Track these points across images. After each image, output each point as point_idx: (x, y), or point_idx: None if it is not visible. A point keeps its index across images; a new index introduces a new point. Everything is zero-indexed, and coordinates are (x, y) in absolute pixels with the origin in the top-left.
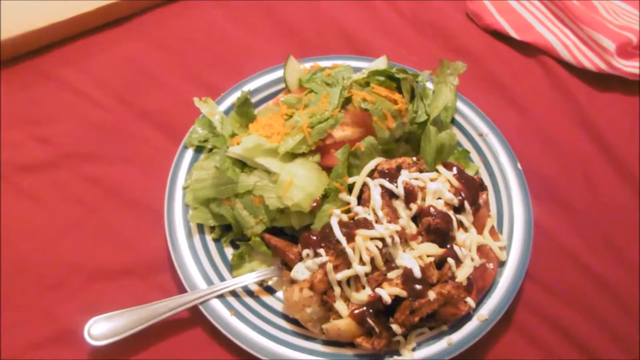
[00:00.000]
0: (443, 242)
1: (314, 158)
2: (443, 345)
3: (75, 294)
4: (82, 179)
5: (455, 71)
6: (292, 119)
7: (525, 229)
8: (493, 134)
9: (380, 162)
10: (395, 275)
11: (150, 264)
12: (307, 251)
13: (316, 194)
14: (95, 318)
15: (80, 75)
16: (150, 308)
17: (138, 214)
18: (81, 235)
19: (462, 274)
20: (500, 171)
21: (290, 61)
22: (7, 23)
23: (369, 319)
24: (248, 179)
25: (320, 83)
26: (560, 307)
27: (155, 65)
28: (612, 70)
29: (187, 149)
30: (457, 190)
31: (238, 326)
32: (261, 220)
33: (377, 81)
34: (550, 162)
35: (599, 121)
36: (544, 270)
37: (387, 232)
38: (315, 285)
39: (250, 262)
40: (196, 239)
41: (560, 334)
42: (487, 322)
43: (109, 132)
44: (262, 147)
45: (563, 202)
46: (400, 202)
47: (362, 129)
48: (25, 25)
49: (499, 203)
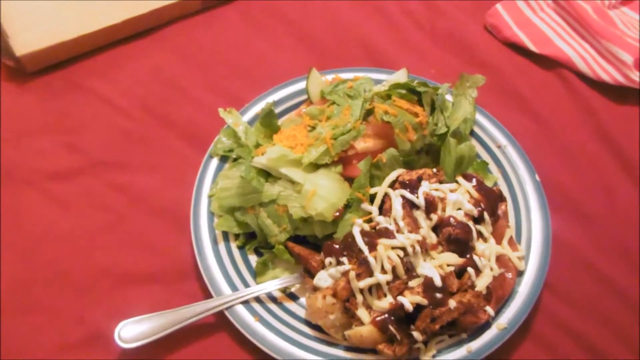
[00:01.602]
0: (463, 252)
1: (337, 169)
2: (462, 352)
3: (104, 298)
4: (110, 187)
5: (474, 84)
6: (315, 131)
7: (544, 239)
8: (512, 145)
9: (401, 173)
10: (417, 284)
11: (176, 271)
12: (330, 259)
13: (339, 203)
14: (125, 321)
15: (109, 86)
16: (178, 312)
17: (164, 221)
18: (109, 242)
19: (481, 283)
20: (518, 182)
21: (313, 73)
22: (39, 35)
23: (391, 326)
24: (272, 188)
25: (342, 95)
26: (578, 317)
27: (181, 76)
28: (630, 83)
29: (212, 158)
30: (476, 201)
31: (262, 331)
32: (285, 229)
33: (398, 94)
34: (569, 173)
35: (617, 134)
36: (562, 281)
37: (409, 242)
38: (338, 292)
39: (274, 270)
40: (221, 246)
41: (578, 345)
42: (506, 330)
43: (136, 141)
44: (286, 157)
45: (581, 214)
46: (421, 212)
47: (384, 140)
48: (56, 37)
49: (517, 214)
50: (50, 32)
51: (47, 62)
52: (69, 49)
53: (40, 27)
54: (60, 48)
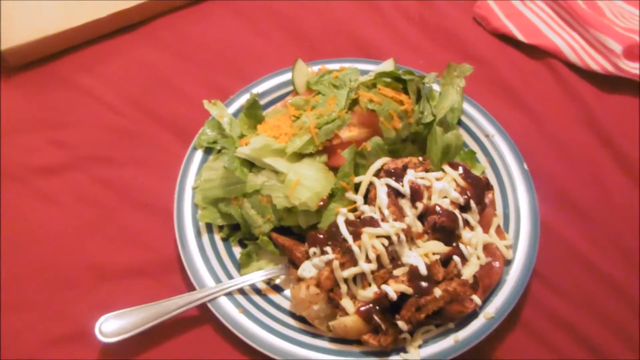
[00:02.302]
0: (449, 241)
1: (321, 158)
2: (449, 342)
3: (88, 293)
4: (97, 181)
5: (462, 73)
6: (299, 120)
7: (532, 228)
8: (499, 135)
9: (386, 161)
10: (401, 273)
11: (161, 264)
12: (314, 249)
13: (323, 193)
14: (106, 315)
15: (95, 80)
16: (160, 305)
17: (150, 215)
18: (95, 236)
19: (468, 271)
20: (506, 171)
21: (298, 64)
22: (24, 28)
23: (375, 316)
24: (256, 178)
25: (328, 85)
26: (567, 306)
27: (168, 69)
28: (619, 72)
29: (196, 150)
30: (463, 190)
31: (246, 324)
32: (269, 220)
33: (383, 82)
34: (558, 163)
35: (606, 122)
36: (551, 270)
37: (393, 230)
38: (322, 282)
39: (258, 261)
40: (205, 238)
41: (567, 333)
42: (494, 320)
43: (123, 136)
44: (270, 147)
45: (570, 203)
46: (407, 201)
47: (369, 129)
48: (41, 31)
49: (505, 203)
50: (34, 26)
51: (31, 56)
52: (54, 43)
53: (24, 21)
54: (45, 42)
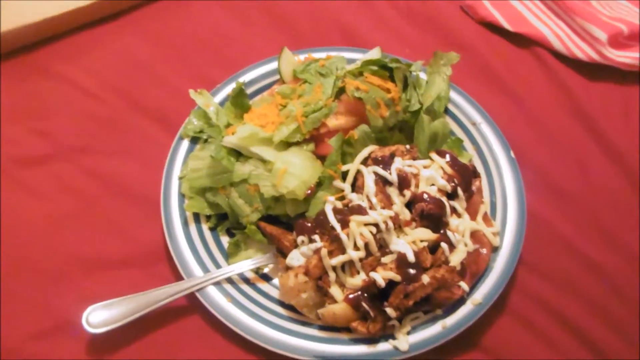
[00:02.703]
0: (436, 228)
1: (308, 147)
2: (438, 329)
3: (74, 285)
4: (81, 172)
5: (448, 62)
6: (286, 109)
7: (518, 215)
8: (486, 123)
9: (373, 149)
10: (389, 260)
11: (148, 255)
12: (302, 238)
13: (310, 181)
14: (93, 306)
15: (77, 70)
16: (148, 295)
17: (136, 205)
18: (80, 227)
19: (455, 258)
20: (493, 159)
21: (285, 53)
22: (4, 17)
23: (364, 303)
24: (243, 167)
25: (314, 73)
26: (554, 292)
27: (153, 59)
28: (604, 60)
29: (182, 140)
30: (450, 177)
31: (234, 313)
32: (256, 209)
33: (370, 70)
34: (544, 150)
35: (592, 110)
36: (538, 257)
37: (381, 218)
38: (310, 270)
39: (246, 250)
40: (192, 228)
41: (554, 318)
42: (481, 305)
43: (107, 126)
44: (257, 136)
45: (557, 190)
46: (394, 188)
47: (356, 117)
48: (22, 19)
49: (492, 191)
50: (15, 15)
51: (11, 46)
52: (36, 32)
53: (4, 10)
54: (26, 31)
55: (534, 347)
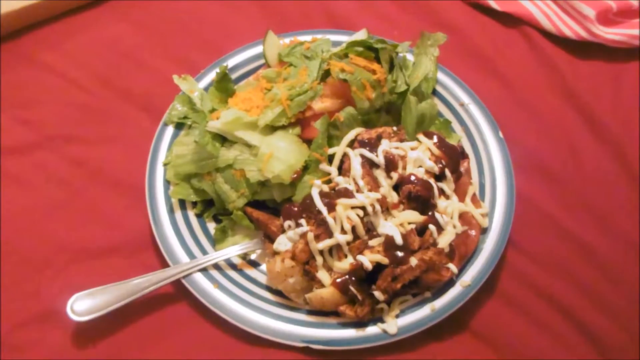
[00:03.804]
0: (424, 210)
1: (294, 130)
2: (426, 311)
3: (59, 274)
4: (66, 161)
5: (435, 42)
6: (271, 92)
7: (507, 196)
8: (474, 103)
9: (360, 132)
10: (377, 243)
11: (134, 243)
12: (289, 222)
13: (297, 165)
14: (78, 294)
15: (61, 58)
16: (133, 283)
17: (122, 193)
18: (65, 216)
19: (444, 240)
20: (482, 140)
21: (269, 36)
22: None
23: (352, 287)
24: (228, 153)
25: (300, 56)
26: (543, 273)
27: (137, 45)
28: (593, 37)
29: (167, 126)
30: (437, 158)
31: (222, 299)
32: (243, 194)
33: (355, 52)
34: (533, 131)
35: (581, 89)
36: (526, 238)
37: (368, 201)
38: (297, 255)
39: (233, 236)
40: (178, 215)
41: (543, 300)
42: (470, 287)
43: (92, 113)
44: (241, 120)
45: (546, 171)
46: (381, 171)
47: (342, 100)
48: (5, 6)
49: (480, 172)
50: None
51: None
52: (19, 19)
53: None
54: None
55: (523, 329)
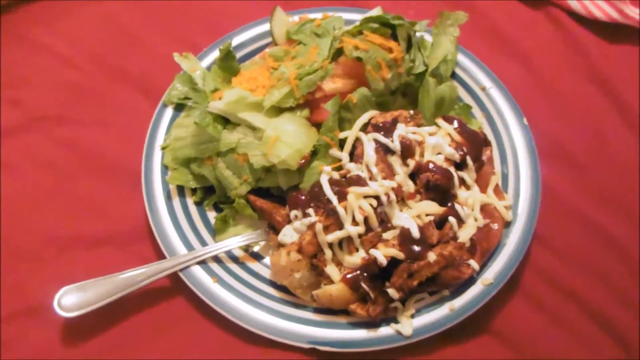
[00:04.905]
0: (443, 201)
1: (303, 113)
2: (444, 311)
3: (47, 265)
4: (56, 144)
5: (455, 22)
6: (278, 71)
7: (533, 188)
8: (497, 87)
9: (374, 115)
10: (392, 236)
11: (128, 232)
12: (296, 212)
13: (305, 150)
14: (66, 288)
15: (54, 36)
16: (126, 276)
17: (116, 179)
18: (55, 204)
19: (464, 234)
20: (504, 127)
21: (277, 13)
22: None
23: (363, 284)
24: (231, 135)
25: (309, 34)
26: (569, 270)
27: (134, 23)
28: (624, 19)
29: (166, 107)
30: (458, 145)
31: (221, 294)
32: (246, 181)
33: (370, 29)
34: (559, 118)
35: (610, 75)
36: (552, 232)
37: (382, 190)
38: (304, 247)
39: (235, 226)
40: (176, 202)
41: (569, 299)
42: (492, 286)
43: (85, 94)
44: (245, 100)
45: (572, 161)
46: (397, 157)
47: (355, 80)
48: None
49: (503, 161)
50: None
51: None
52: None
53: None
54: None
55: (548, 330)
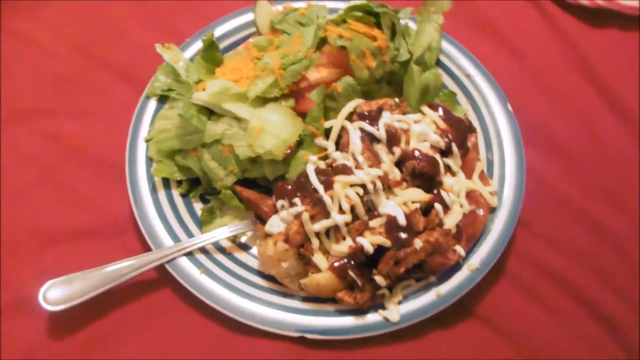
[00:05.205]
0: (429, 188)
1: (288, 103)
2: (431, 297)
3: (32, 259)
4: (39, 137)
5: (439, 9)
6: (262, 61)
7: (517, 174)
8: (481, 74)
9: (359, 103)
10: (378, 224)
11: (113, 225)
12: (282, 202)
13: (290, 140)
14: (52, 281)
15: (35, 25)
16: (112, 269)
17: (100, 172)
18: (38, 197)
19: (450, 220)
20: (489, 113)
21: (261, 2)
22: None
23: (351, 272)
24: (215, 127)
25: (293, 24)
26: (554, 255)
27: (116, 12)
28: (609, 4)
29: (149, 99)
30: (443, 132)
31: (209, 285)
32: (231, 172)
33: (354, 17)
34: (545, 105)
35: (595, 61)
36: (537, 218)
37: (369, 178)
38: (291, 237)
39: (222, 217)
40: (161, 195)
41: (555, 283)
42: (478, 271)
43: (68, 86)
44: (229, 91)
45: (558, 147)
46: (382, 146)
47: (340, 70)
48: None
49: (488, 147)
50: None
51: None
52: None
53: None
54: None
55: (534, 314)
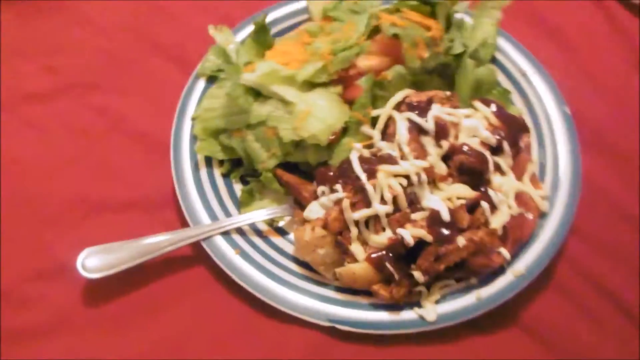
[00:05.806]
0: (476, 185)
1: (336, 89)
2: (471, 300)
3: (73, 228)
4: (88, 110)
5: (497, 5)
6: (312, 46)
7: (572, 179)
8: (538, 74)
9: (409, 94)
10: (421, 217)
11: (154, 199)
12: (323, 188)
13: (336, 125)
14: (90, 249)
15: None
16: (149, 241)
17: (145, 147)
18: (84, 168)
19: (497, 221)
20: (544, 115)
21: None
22: None
23: (388, 264)
24: (261, 108)
25: (346, 11)
26: (608, 266)
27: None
28: None
29: (199, 79)
30: (495, 129)
31: (242, 266)
32: (274, 154)
33: (408, 6)
34: (603, 107)
35: None
36: (591, 226)
37: (413, 169)
38: (330, 223)
39: (261, 200)
40: (203, 173)
41: (605, 296)
42: (523, 277)
43: (118, 63)
44: (278, 73)
45: (615, 152)
46: (430, 138)
47: (390, 58)
48: None
49: (542, 149)
50: None
51: None
52: None
53: None
54: None
55: (580, 327)
